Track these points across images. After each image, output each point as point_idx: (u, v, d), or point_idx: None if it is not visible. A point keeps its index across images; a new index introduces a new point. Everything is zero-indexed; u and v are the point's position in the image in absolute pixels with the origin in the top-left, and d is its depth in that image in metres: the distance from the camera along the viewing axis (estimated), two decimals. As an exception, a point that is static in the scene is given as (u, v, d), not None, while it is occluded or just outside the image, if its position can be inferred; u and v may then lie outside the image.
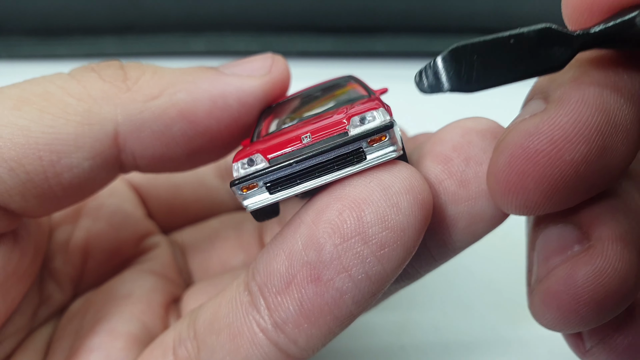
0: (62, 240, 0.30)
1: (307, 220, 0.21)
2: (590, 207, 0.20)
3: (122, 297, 0.28)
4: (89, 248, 0.30)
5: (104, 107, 0.23)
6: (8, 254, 0.24)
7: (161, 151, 0.24)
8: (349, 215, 0.20)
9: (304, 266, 0.20)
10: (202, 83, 0.25)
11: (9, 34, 0.60)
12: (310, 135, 0.21)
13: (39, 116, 0.22)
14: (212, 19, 0.58)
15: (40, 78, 0.23)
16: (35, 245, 0.26)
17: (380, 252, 0.20)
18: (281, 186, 0.21)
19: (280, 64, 0.27)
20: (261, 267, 0.22)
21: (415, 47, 0.57)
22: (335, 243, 0.20)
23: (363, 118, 0.21)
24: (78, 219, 0.31)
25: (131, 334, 0.26)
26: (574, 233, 0.21)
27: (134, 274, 0.30)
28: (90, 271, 0.30)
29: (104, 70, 0.24)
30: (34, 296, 0.27)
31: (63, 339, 0.27)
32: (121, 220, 0.32)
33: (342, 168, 0.21)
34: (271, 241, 0.22)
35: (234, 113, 0.25)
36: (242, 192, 0.22)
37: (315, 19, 0.58)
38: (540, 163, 0.18)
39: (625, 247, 0.20)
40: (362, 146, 0.21)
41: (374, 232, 0.20)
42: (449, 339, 0.38)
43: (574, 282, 0.20)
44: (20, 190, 0.22)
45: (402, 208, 0.20)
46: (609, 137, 0.18)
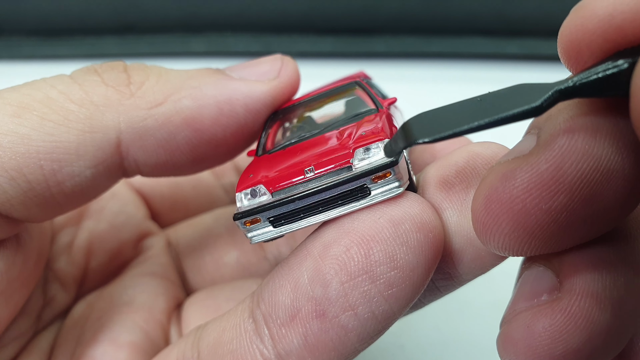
0: (66, 242, 0.30)
1: (314, 253, 0.20)
2: (575, 253, 0.19)
3: (124, 303, 0.28)
4: (91, 249, 0.30)
5: (106, 114, 0.22)
6: (11, 258, 0.23)
7: (165, 159, 0.24)
8: (356, 252, 0.19)
9: (310, 301, 0.20)
10: (208, 89, 0.24)
11: (10, 35, 0.60)
12: (314, 168, 0.21)
13: (39, 124, 0.21)
14: (212, 19, 0.58)
15: (41, 81, 0.23)
16: (38, 249, 0.26)
17: (387, 291, 0.19)
18: (285, 220, 0.21)
19: (290, 67, 0.26)
20: (266, 296, 0.21)
21: (415, 48, 0.57)
22: (341, 280, 0.19)
23: (367, 149, 0.20)
24: (81, 221, 0.31)
25: (134, 344, 0.26)
26: (549, 280, 0.19)
27: (135, 277, 0.30)
28: (92, 272, 0.30)
29: (106, 73, 0.23)
30: (38, 298, 0.27)
31: (65, 344, 0.27)
32: (123, 222, 0.32)
33: (346, 203, 0.20)
34: (277, 268, 0.22)
35: (241, 120, 0.24)
36: (245, 225, 0.21)
37: (315, 20, 0.58)
38: (515, 209, 0.17)
39: (596, 304, 0.18)
40: (366, 183, 0.20)
41: (382, 271, 0.19)
42: (449, 339, 0.38)
43: (532, 333, 0.18)
44: (22, 199, 0.21)
45: (412, 247, 0.19)
46: (598, 186, 0.17)
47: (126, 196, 0.33)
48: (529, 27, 0.56)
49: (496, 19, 0.56)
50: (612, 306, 0.18)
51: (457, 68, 0.57)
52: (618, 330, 0.18)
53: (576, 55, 0.17)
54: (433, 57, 0.58)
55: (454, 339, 0.38)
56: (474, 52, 0.57)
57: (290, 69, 0.26)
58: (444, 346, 0.37)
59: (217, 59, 0.59)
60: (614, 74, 0.16)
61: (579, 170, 0.17)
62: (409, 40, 0.57)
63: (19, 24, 0.60)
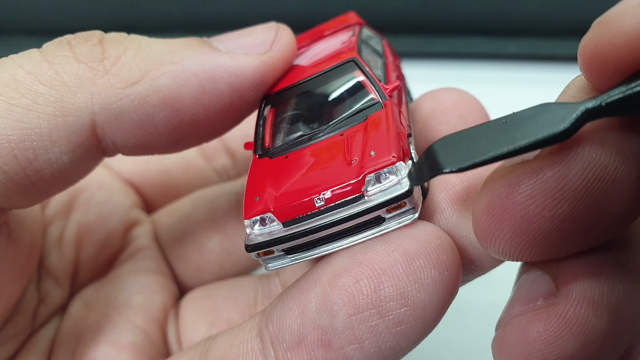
0: (56, 236, 0.29)
1: (324, 280, 0.20)
2: (574, 259, 0.18)
3: (122, 305, 0.28)
4: (80, 241, 0.30)
5: (78, 95, 0.21)
6: (3, 251, 0.23)
7: (143, 139, 0.22)
8: (366, 285, 0.18)
9: (316, 329, 0.19)
10: (190, 64, 0.22)
11: (10, 35, 0.60)
12: (325, 199, 0.20)
13: (6, 109, 0.20)
14: (212, 19, 0.58)
15: (8, 60, 0.21)
16: (30, 241, 0.26)
17: (396, 328, 0.18)
18: (299, 250, 0.21)
19: (284, 38, 0.24)
20: (275, 317, 0.21)
21: (415, 48, 0.57)
22: (349, 313, 0.19)
23: (379, 175, 0.20)
24: (69, 214, 0.30)
25: (135, 345, 0.26)
26: (546, 285, 0.19)
27: (129, 276, 0.30)
28: (83, 265, 0.30)
29: (79, 47, 0.22)
30: (32, 295, 0.27)
31: (65, 344, 0.27)
32: (110, 211, 0.31)
33: (360, 232, 0.20)
34: (288, 290, 0.21)
35: (225, 99, 0.22)
36: (259, 256, 0.21)
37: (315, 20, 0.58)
38: (518, 216, 0.17)
39: (592, 311, 0.17)
40: (381, 214, 0.19)
41: (391, 308, 0.18)
42: (448, 339, 0.38)
43: (526, 337, 0.18)
44: (2, 189, 0.20)
45: (425, 285, 0.18)
46: (603, 195, 0.16)
47: (113, 185, 0.32)
48: (529, 27, 0.56)
49: (496, 19, 0.56)
50: (609, 313, 0.18)
51: (457, 68, 0.57)
52: (615, 337, 0.18)
53: (600, 70, 0.17)
54: (433, 56, 0.58)
55: (454, 339, 0.38)
56: (474, 52, 0.57)
57: (285, 40, 0.24)
58: (444, 346, 0.37)
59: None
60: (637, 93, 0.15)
61: (585, 178, 0.16)
62: (409, 40, 0.57)
63: (19, 24, 0.60)
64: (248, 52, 0.23)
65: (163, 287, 0.30)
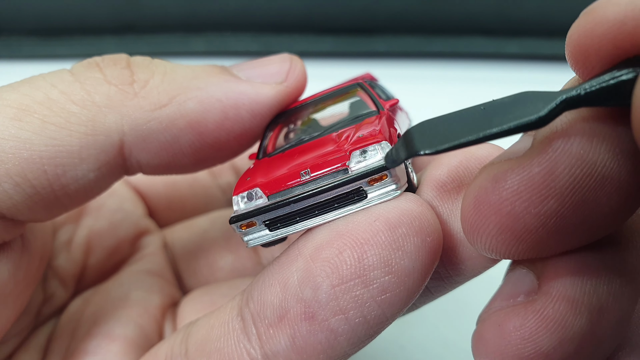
0: (65, 240, 0.30)
1: (305, 253, 0.20)
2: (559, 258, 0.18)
3: (119, 299, 0.28)
4: (90, 246, 0.30)
5: (108, 116, 0.22)
6: (17, 260, 0.23)
7: (167, 160, 0.23)
8: (349, 256, 0.19)
9: (299, 302, 0.19)
10: (214, 90, 0.23)
11: (10, 34, 0.60)
12: (310, 171, 0.20)
13: (41, 127, 0.21)
14: (212, 19, 0.58)
15: (40, 80, 0.22)
16: (42, 248, 0.26)
17: (380, 297, 0.18)
18: (281, 224, 0.21)
19: (298, 69, 0.25)
20: (255, 295, 0.21)
21: (415, 47, 0.57)
22: (332, 284, 0.19)
23: (364, 151, 0.20)
24: (80, 219, 0.31)
25: (128, 337, 0.26)
26: (529, 282, 0.19)
27: (131, 274, 0.30)
28: (91, 269, 0.30)
29: (109, 69, 0.23)
30: (38, 295, 0.27)
31: (60, 339, 0.27)
32: (121, 219, 0.32)
33: (343, 206, 0.20)
34: (268, 267, 0.21)
35: (245, 124, 0.24)
36: (241, 229, 0.21)
37: (315, 20, 0.58)
38: (503, 212, 0.17)
39: (572, 309, 0.17)
40: (362, 186, 0.20)
41: (375, 276, 0.18)
42: (449, 339, 0.38)
43: (502, 332, 0.18)
44: (28, 203, 0.21)
45: (409, 252, 0.18)
46: (591, 193, 0.16)
47: (124, 193, 0.33)
48: (529, 27, 0.56)
49: (496, 19, 0.56)
50: (589, 313, 0.17)
51: (457, 68, 0.57)
52: (595, 338, 0.18)
53: (584, 59, 0.17)
54: (433, 56, 0.58)
55: (454, 339, 0.38)
56: (474, 51, 0.57)
57: (298, 71, 0.25)
58: (444, 346, 0.37)
59: (216, 59, 0.59)
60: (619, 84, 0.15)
61: (572, 175, 0.16)
62: (410, 40, 0.57)
63: (19, 24, 0.60)
64: (266, 81, 0.24)
65: (162, 289, 0.30)
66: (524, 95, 0.17)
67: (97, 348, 0.26)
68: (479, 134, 0.16)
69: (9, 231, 0.22)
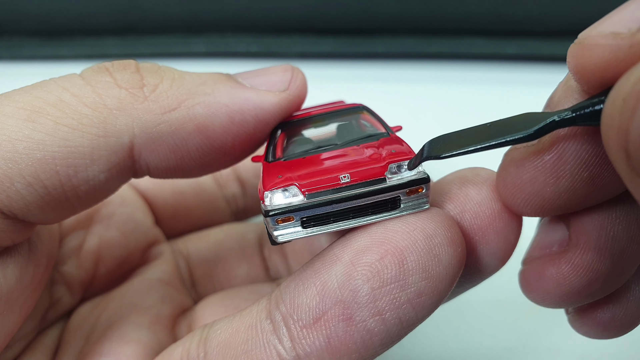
0: (75, 246, 0.30)
1: (345, 259, 0.21)
2: (587, 213, 0.22)
3: (132, 305, 0.29)
4: (100, 255, 0.31)
5: (120, 118, 0.22)
6: (24, 265, 0.23)
7: (175, 163, 0.24)
8: (390, 261, 0.20)
9: (337, 304, 0.20)
10: (221, 96, 0.24)
11: (11, 35, 0.60)
12: (350, 176, 0.22)
13: (54, 129, 0.21)
14: (212, 20, 0.59)
15: (52, 83, 0.23)
16: (48, 252, 0.26)
17: (416, 300, 0.20)
18: (314, 222, 0.22)
19: (299, 79, 0.26)
20: (287, 298, 0.21)
21: (414, 49, 0.57)
22: (373, 287, 0.20)
23: (400, 166, 0.22)
24: (90, 226, 0.31)
25: (141, 341, 0.27)
26: (562, 234, 0.23)
27: (143, 283, 0.31)
28: (100, 277, 0.31)
29: (119, 74, 0.23)
30: (44, 299, 0.28)
31: (72, 342, 0.27)
32: (132, 229, 0.32)
33: (376, 213, 0.21)
34: (300, 272, 0.22)
35: (250, 129, 0.25)
36: (276, 223, 0.22)
37: (315, 21, 0.58)
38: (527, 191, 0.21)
39: (597, 256, 0.22)
40: (400, 195, 0.21)
41: (413, 281, 0.20)
42: (448, 339, 0.38)
43: (542, 278, 0.23)
44: (39, 204, 0.21)
45: (443, 260, 0.20)
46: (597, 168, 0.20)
47: (135, 202, 0.33)
48: (528, 28, 0.56)
49: (495, 20, 0.56)
50: (611, 257, 0.22)
51: (456, 69, 0.57)
52: (616, 275, 0.22)
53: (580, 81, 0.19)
54: (432, 57, 0.58)
55: (454, 338, 0.38)
56: (473, 52, 0.57)
57: (299, 81, 0.26)
58: (444, 346, 0.37)
59: (217, 60, 0.59)
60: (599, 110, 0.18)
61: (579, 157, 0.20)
62: (409, 41, 0.58)
63: (20, 25, 0.60)
64: (270, 88, 0.25)
65: (173, 298, 0.31)
66: (526, 115, 0.20)
67: (110, 350, 0.26)
68: (478, 145, 0.20)
69: (20, 232, 0.22)
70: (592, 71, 0.18)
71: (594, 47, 0.17)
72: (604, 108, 0.16)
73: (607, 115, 0.15)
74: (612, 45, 0.17)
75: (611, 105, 0.15)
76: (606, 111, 0.15)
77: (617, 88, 0.15)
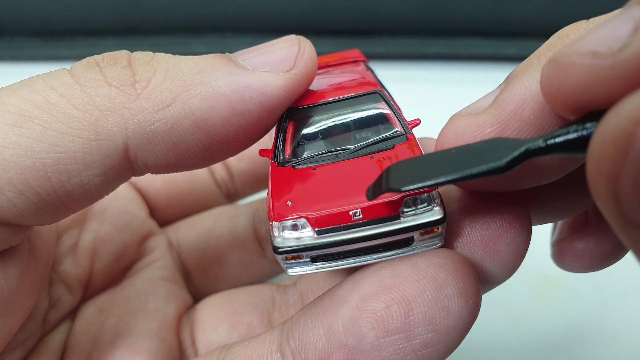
0: (70, 244, 0.30)
1: (351, 302, 0.20)
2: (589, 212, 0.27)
3: (139, 310, 0.28)
4: (96, 251, 0.30)
5: (111, 120, 0.21)
6: (25, 265, 0.23)
7: (175, 159, 0.23)
8: (396, 311, 0.19)
9: (342, 349, 0.20)
10: (220, 85, 0.22)
11: (12, 36, 0.60)
12: (362, 212, 0.20)
13: (42, 134, 0.20)
14: (213, 21, 0.59)
15: (39, 81, 0.21)
16: (47, 252, 0.26)
17: (421, 351, 0.19)
18: (325, 259, 0.21)
19: (307, 54, 0.24)
20: (297, 333, 0.21)
21: (414, 49, 0.58)
22: (377, 336, 0.19)
23: (415, 200, 0.20)
24: (84, 223, 0.31)
25: (151, 350, 0.26)
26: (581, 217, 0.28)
27: (145, 282, 0.30)
28: (97, 274, 0.30)
29: (109, 69, 0.22)
30: (43, 300, 0.27)
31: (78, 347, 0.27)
32: (126, 223, 0.32)
33: (388, 250, 0.21)
34: (310, 307, 0.22)
35: (254, 118, 0.22)
36: (286, 260, 0.21)
37: (315, 22, 0.58)
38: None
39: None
40: (414, 236, 0.20)
41: (419, 333, 0.19)
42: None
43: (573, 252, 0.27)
44: (33, 210, 0.21)
45: (453, 312, 0.19)
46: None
47: (128, 195, 0.33)
48: (527, 29, 0.56)
49: (494, 21, 0.56)
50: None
51: (456, 69, 0.57)
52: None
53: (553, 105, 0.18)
54: (432, 58, 0.58)
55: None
56: (472, 53, 0.57)
57: (307, 55, 0.24)
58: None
59: (217, 60, 0.59)
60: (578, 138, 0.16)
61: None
62: (408, 42, 0.58)
63: (21, 25, 0.60)
64: (273, 69, 0.23)
65: (176, 296, 0.30)
66: (494, 141, 0.18)
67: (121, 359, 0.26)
68: (442, 177, 0.18)
69: (16, 236, 0.22)
70: (568, 93, 0.17)
71: (571, 67, 0.16)
72: (590, 149, 0.14)
73: (595, 159, 0.14)
74: (591, 66, 0.15)
75: (600, 148, 0.14)
76: (593, 154, 0.14)
77: (606, 127, 0.14)
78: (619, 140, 0.13)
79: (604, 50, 0.15)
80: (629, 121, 0.13)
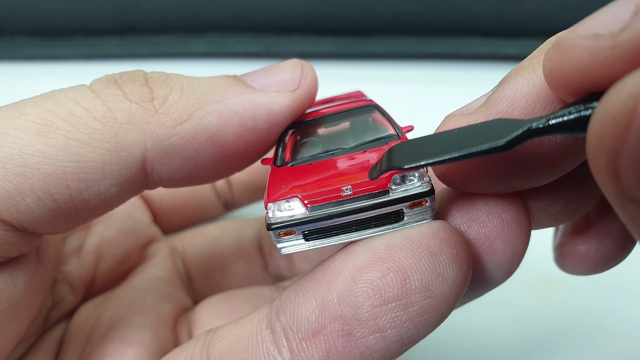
0: (75, 246, 0.30)
1: (346, 274, 0.20)
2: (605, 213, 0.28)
3: (134, 305, 0.29)
4: (101, 254, 0.31)
5: (131, 133, 0.22)
6: (32, 272, 0.23)
7: (188, 173, 0.24)
8: (392, 279, 0.20)
9: (337, 319, 0.20)
10: (232, 103, 0.23)
11: (11, 35, 0.60)
12: (352, 188, 0.21)
13: (65, 143, 0.21)
14: (213, 20, 0.59)
15: (62, 95, 0.22)
16: (54, 256, 0.26)
17: (418, 318, 0.20)
18: (317, 235, 0.22)
19: (309, 76, 0.26)
20: (287, 309, 0.21)
21: (414, 49, 0.58)
22: (374, 304, 0.20)
23: (404, 177, 0.21)
24: (90, 226, 0.31)
25: (144, 342, 0.27)
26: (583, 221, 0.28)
27: (144, 281, 0.31)
28: (100, 275, 0.31)
29: (128, 87, 0.23)
30: (47, 300, 0.28)
31: (74, 342, 0.27)
32: (131, 227, 0.32)
33: (379, 225, 0.21)
34: (300, 282, 0.22)
35: (263, 134, 0.24)
36: (278, 236, 0.22)
37: (315, 21, 0.58)
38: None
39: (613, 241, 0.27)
40: (403, 209, 0.21)
41: (416, 300, 0.20)
42: (448, 338, 0.38)
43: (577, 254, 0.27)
44: (49, 217, 0.21)
45: (448, 278, 0.20)
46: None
47: (133, 201, 0.34)
48: (528, 28, 0.56)
49: (495, 20, 0.56)
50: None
51: (456, 69, 0.57)
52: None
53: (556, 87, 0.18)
54: (432, 57, 0.58)
55: (454, 338, 0.38)
56: (473, 52, 0.57)
57: (310, 77, 0.26)
58: (444, 346, 0.37)
59: (217, 60, 0.59)
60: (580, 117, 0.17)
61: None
62: (409, 41, 0.58)
63: (20, 25, 0.60)
64: (280, 89, 0.25)
65: (173, 296, 0.31)
66: (497, 122, 0.19)
67: (113, 352, 0.26)
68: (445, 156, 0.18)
69: (28, 243, 0.22)
70: (569, 75, 0.17)
71: (573, 49, 0.17)
72: (590, 125, 0.15)
73: (595, 135, 0.14)
74: (592, 47, 0.16)
75: (600, 123, 0.14)
76: (594, 130, 0.14)
77: (606, 104, 0.14)
78: (619, 116, 0.13)
79: (605, 32, 0.16)
80: (629, 97, 0.13)
